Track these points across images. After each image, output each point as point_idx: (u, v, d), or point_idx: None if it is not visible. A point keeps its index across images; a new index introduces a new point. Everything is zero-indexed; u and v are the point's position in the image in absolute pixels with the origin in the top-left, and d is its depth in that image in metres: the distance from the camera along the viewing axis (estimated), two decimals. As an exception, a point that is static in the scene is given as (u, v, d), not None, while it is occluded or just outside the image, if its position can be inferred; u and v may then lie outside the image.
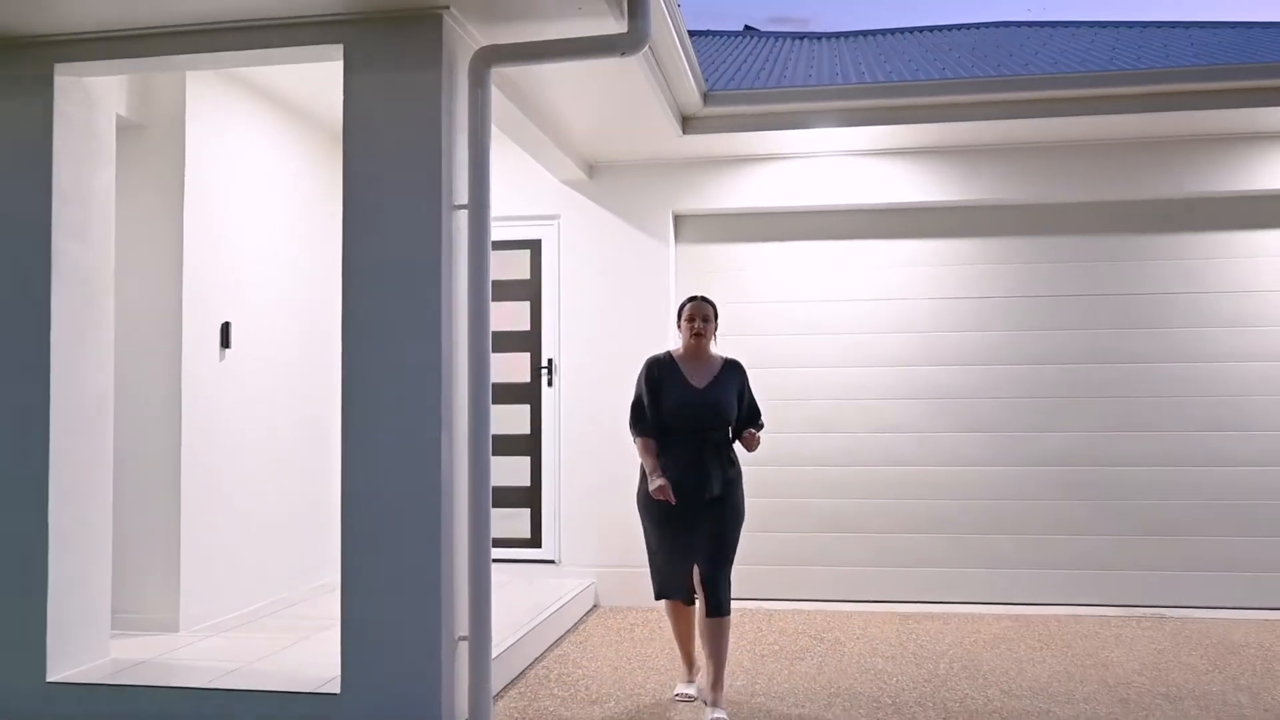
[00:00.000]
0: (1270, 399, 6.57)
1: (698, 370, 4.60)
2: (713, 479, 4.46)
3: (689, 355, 4.65)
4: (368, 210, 4.28)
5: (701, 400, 4.51)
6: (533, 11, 4.29)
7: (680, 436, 4.50)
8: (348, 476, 4.25)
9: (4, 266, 4.52)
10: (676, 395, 4.52)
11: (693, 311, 4.63)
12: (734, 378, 4.64)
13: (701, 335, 4.61)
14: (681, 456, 4.48)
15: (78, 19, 4.37)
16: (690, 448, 4.49)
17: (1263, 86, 5.91)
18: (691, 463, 4.47)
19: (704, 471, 4.46)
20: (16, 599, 4.45)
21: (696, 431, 4.49)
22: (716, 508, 4.48)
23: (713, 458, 4.50)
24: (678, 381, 4.57)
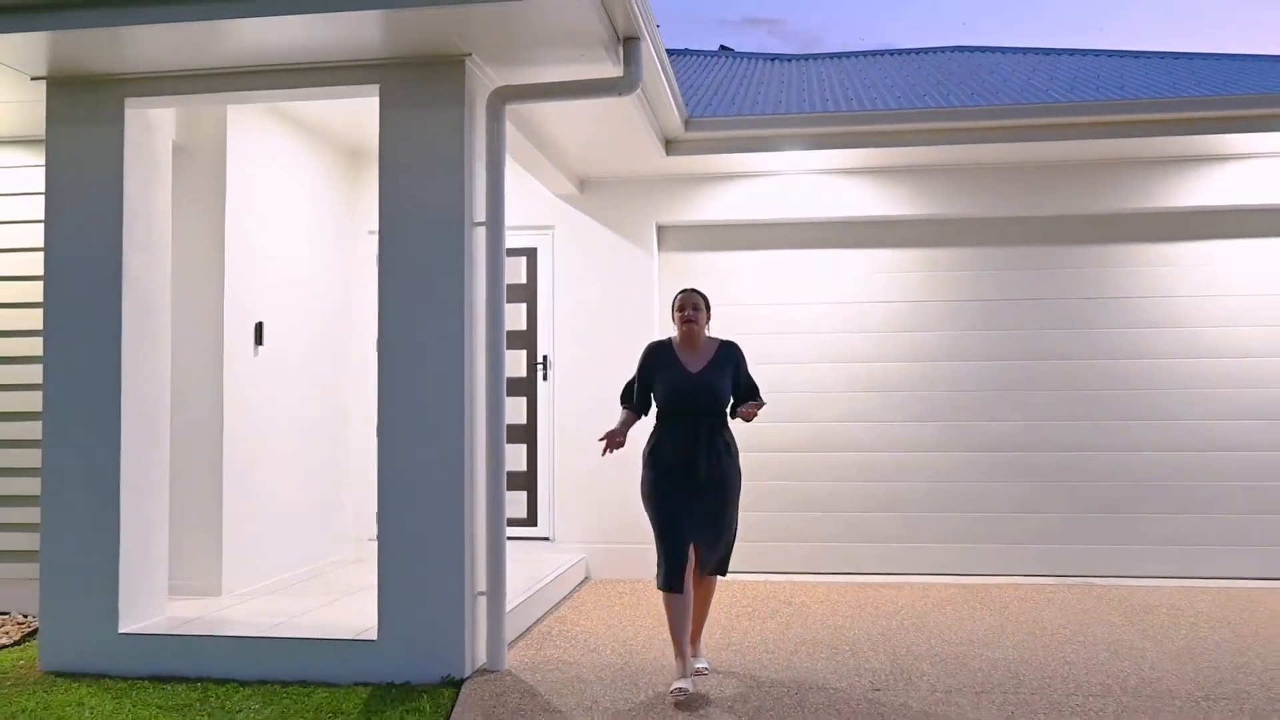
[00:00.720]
0: (1186, 391, 7.34)
1: (693, 356, 4.83)
2: (706, 461, 4.64)
3: (683, 342, 4.88)
4: (400, 226, 4.95)
5: (695, 384, 4.73)
6: (541, 58, 4.98)
7: (676, 419, 4.73)
8: (384, 455, 4.92)
9: (82, 273, 5.15)
10: (671, 379, 4.76)
11: (683, 302, 4.88)
12: (729, 360, 4.84)
13: (692, 322, 4.84)
14: (678, 438, 4.69)
15: (146, 60, 5.01)
16: (686, 429, 4.69)
17: (1177, 119, 6.68)
18: (687, 444, 4.66)
19: (694, 457, 4.65)
20: (93, 565, 5.09)
21: (691, 413, 4.70)
22: (715, 488, 4.69)
23: (707, 440, 4.68)
24: (673, 366, 4.80)
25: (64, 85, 5.20)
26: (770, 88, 8.73)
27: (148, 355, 5.32)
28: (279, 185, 6.67)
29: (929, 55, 10.73)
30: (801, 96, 8.02)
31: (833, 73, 9.67)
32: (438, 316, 4.91)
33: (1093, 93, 7.27)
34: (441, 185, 4.93)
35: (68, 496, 5.10)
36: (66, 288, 5.15)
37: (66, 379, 5.13)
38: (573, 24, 4.56)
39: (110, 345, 5.13)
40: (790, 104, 7.65)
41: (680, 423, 4.72)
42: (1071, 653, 5.24)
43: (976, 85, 8.10)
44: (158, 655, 5.00)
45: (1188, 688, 4.61)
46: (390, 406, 4.94)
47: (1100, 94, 7.18)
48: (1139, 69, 8.61)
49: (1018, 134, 6.82)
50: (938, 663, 5.07)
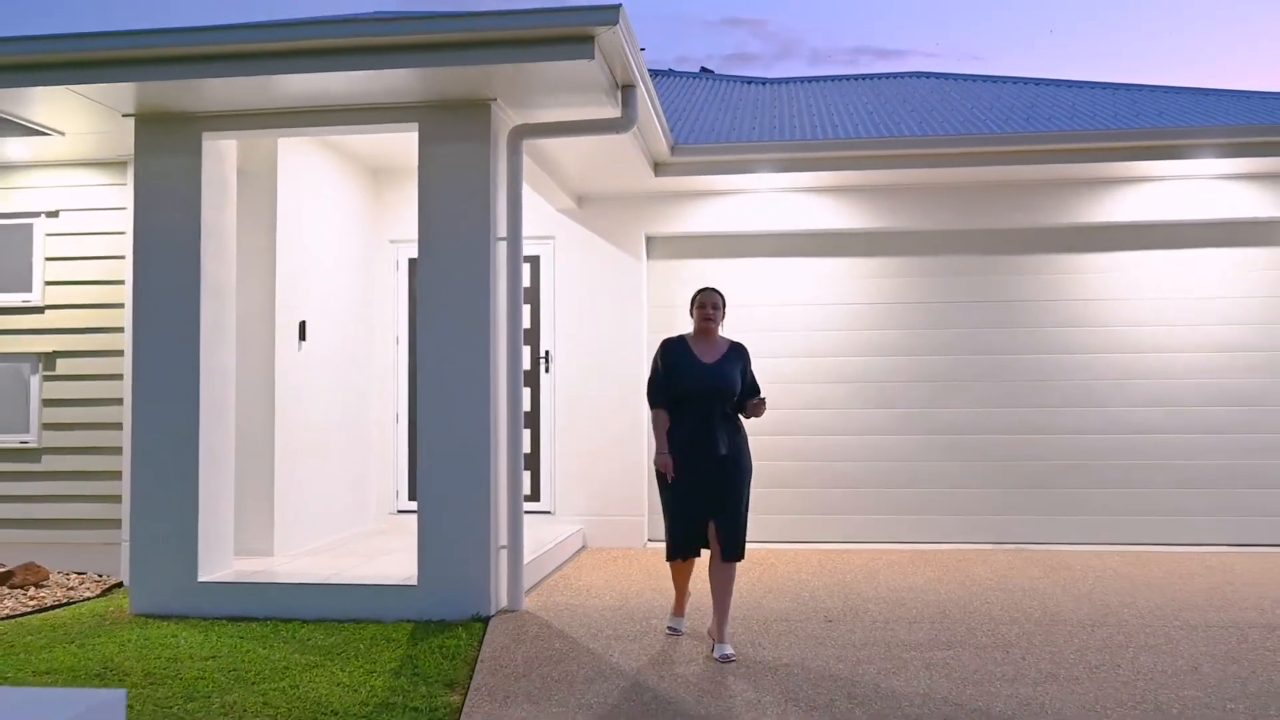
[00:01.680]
0: (1104, 382, 8.34)
1: (707, 350, 5.16)
2: (721, 440, 5.01)
3: (699, 336, 5.20)
4: (436, 241, 5.88)
5: (710, 374, 5.05)
6: (553, 102, 5.92)
7: (692, 406, 5.03)
8: (423, 434, 5.84)
9: (168, 280, 6.05)
10: (688, 370, 5.06)
11: (703, 300, 5.23)
12: (738, 357, 5.19)
13: (711, 319, 5.18)
14: (694, 422, 5.02)
15: (220, 102, 5.91)
16: (701, 415, 5.01)
17: (1094, 148, 7.67)
18: (702, 427, 5.00)
19: (713, 435, 5.00)
20: (176, 525, 5.98)
21: (706, 401, 5.02)
22: (727, 467, 4.99)
23: (720, 423, 5.03)
24: (689, 359, 5.11)
25: (150, 121, 6.10)
26: (745, 112, 9.69)
27: (218, 349, 6.23)
28: (316, 201, 7.57)
29: (888, 80, 11.71)
30: (773, 123, 8.98)
31: (802, 97, 10.63)
32: (467, 316, 5.83)
33: (1024, 125, 8.25)
34: (470, 207, 5.86)
35: (155, 468, 6.00)
36: (155, 291, 6.05)
37: (154, 368, 6.03)
38: (580, 77, 5.49)
39: (190, 340, 6.03)
40: (764, 129, 8.61)
41: (698, 409, 5.03)
42: (992, 596, 6.23)
43: (926, 113, 9.07)
44: (231, 599, 5.91)
45: (1079, 618, 5.61)
46: (427, 393, 5.86)
47: (1030, 126, 8.17)
48: (1069, 98, 9.61)
49: (958, 160, 7.80)
50: (881, 603, 6.04)
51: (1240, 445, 8.17)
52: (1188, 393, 8.24)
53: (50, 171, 7.40)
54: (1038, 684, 4.45)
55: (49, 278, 7.39)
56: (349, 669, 4.76)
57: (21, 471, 7.30)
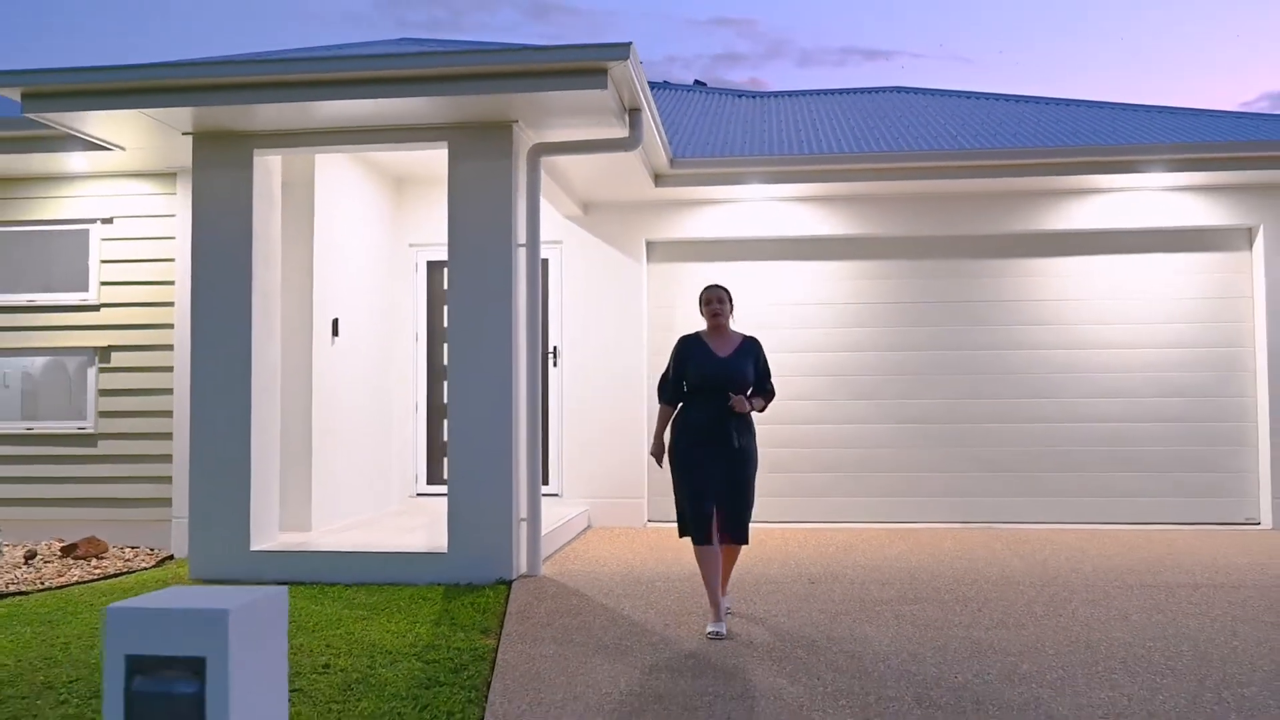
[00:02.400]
0: (1067, 375, 9.06)
1: (721, 344, 5.34)
2: (734, 431, 5.19)
3: (711, 332, 5.38)
4: (465, 247, 6.54)
5: (723, 367, 5.24)
6: (568, 123, 6.59)
7: (707, 396, 5.22)
8: (453, 415, 6.51)
9: (223, 283, 6.70)
10: (702, 364, 5.25)
11: (709, 296, 5.41)
12: (751, 350, 5.37)
13: (718, 314, 5.35)
14: (708, 413, 5.21)
15: (269, 122, 6.56)
16: (715, 406, 5.20)
17: (1056, 163, 8.38)
18: (716, 418, 5.18)
19: (726, 425, 5.17)
20: (231, 501, 6.63)
21: (719, 391, 5.20)
22: (736, 456, 5.19)
23: (733, 415, 5.20)
24: (704, 353, 5.30)
25: (206, 139, 6.75)
26: (737, 126, 10.37)
27: (266, 345, 6.88)
28: (347, 208, 8.22)
29: (868, 95, 12.41)
30: (763, 136, 9.66)
31: (789, 111, 11.32)
32: (492, 314, 6.50)
33: (990, 141, 8.95)
34: (494, 217, 6.53)
35: (212, 452, 6.65)
36: (211, 292, 6.70)
37: (211, 362, 6.68)
38: (593, 102, 6.16)
39: (243, 337, 6.68)
40: (754, 143, 9.29)
41: (712, 401, 5.21)
42: (956, 564, 6.93)
43: (903, 129, 9.77)
44: (279, 566, 6.57)
45: (1030, 580, 6.31)
46: (457, 383, 6.52)
47: (996, 142, 8.87)
48: (1033, 114, 10.32)
49: (930, 173, 8.50)
50: (857, 569, 6.74)
51: (1185, 433, 8.90)
52: (1137, 385, 8.97)
53: (105, 182, 8.03)
54: (989, 629, 5.15)
55: (104, 279, 8.03)
56: (394, 620, 5.43)
57: (80, 455, 7.94)
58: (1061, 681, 4.30)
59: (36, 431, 8.02)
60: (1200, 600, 5.77)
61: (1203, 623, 5.26)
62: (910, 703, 4.05)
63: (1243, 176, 8.51)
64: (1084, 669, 4.47)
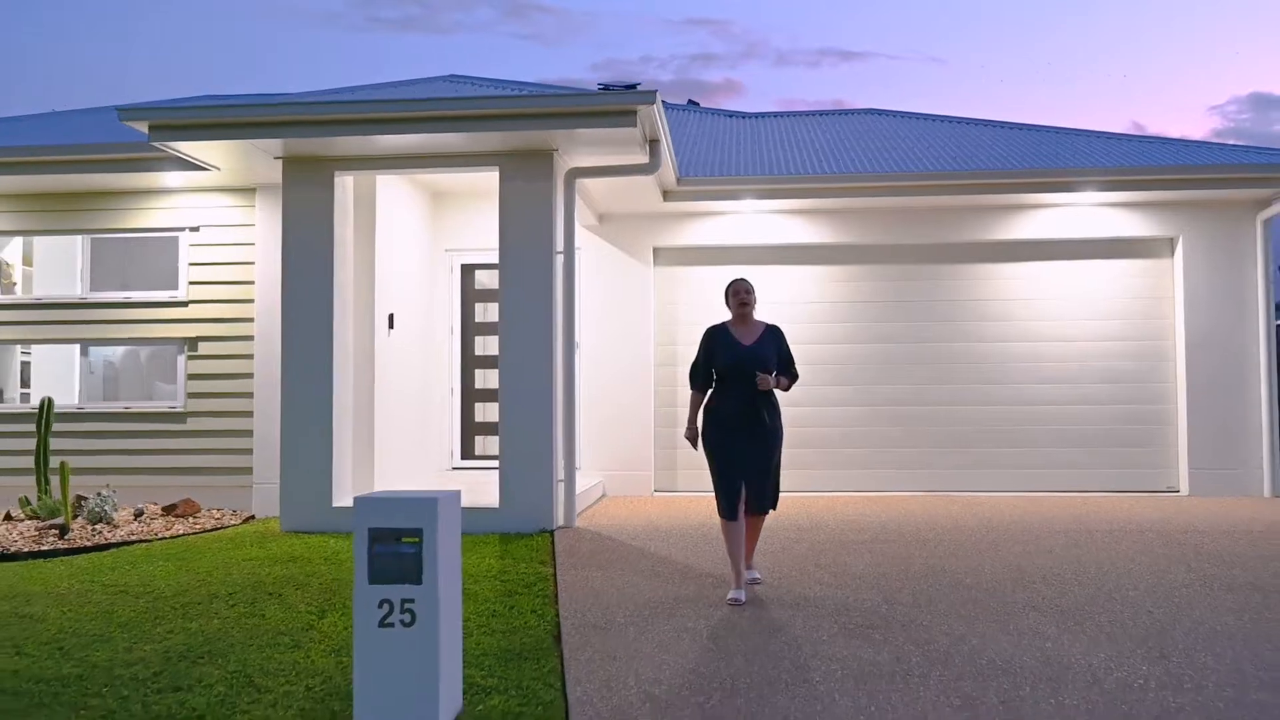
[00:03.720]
0: (1015, 364, 10.34)
1: (746, 333, 5.62)
2: (762, 412, 5.48)
3: (737, 322, 5.65)
4: (513, 254, 7.73)
5: (748, 354, 5.50)
6: (599, 151, 7.79)
7: (734, 382, 5.49)
8: (504, 395, 7.70)
9: (311, 285, 7.86)
10: (729, 352, 5.52)
11: (737, 289, 5.66)
12: (774, 338, 5.64)
13: (745, 305, 5.62)
14: (737, 397, 5.49)
15: (349, 150, 7.73)
16: (742, 390, 5.47)
17: (1006, 183, 9.65)
18: (744, 401, 5.46)
19: (754, 407, 5.46)
20: (317, 465, 7.80)
21: (746, 377, 5.46)
22: (768, 437, 5.49)
23: (759, 397, 5.48)
24: (730, 342, 5.57)
25: (294, 162, 7.91)
26: (731, 146, 11.60)
27: (342, 335, 8.05)
28: (398, 219, 9.40)
29: (848, 116, 13.68)
30: (755, 156, 10.89)
31: (777, 131, 12.56)
32: (536, 309, 7.70)
33: (952, 164, 10.22)
34: (537, 229, 7.73)
35: (301, 424, 7.82)
36: (300, 290, 7.87)
37: (300, 350, 7.84)
38: (622, 136, 7.37)
39: (325, 326, 7.85)
40: (748, 163, 10.52)
41: (739, 386, 5.49)
42: (918, 518, 8.20)
43: (877, 150, 11.03)
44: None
45: (977, 527, 7.59)
46: (507, 367, 7.72)
47: (956, 165, 10.13)
48: (989, 137, 11.60)
49: (900, 191, 9.77)
50: (837, 522, 7.99)
51: (1115, 414, 10.21)
52: (1075, 373, 10.27)
53: (193, 195, 9.18)
54: (942, 559, 6.41)
55: (192, 279, 9.17)
56: (468, 557, 6.62)
57: (172, 430, 9.09)
58: (994, 588, 5.57)
59: (134, 410, 9.16)
60: (1111, 542, 7.06)
61: (1109, 554, 6.55)
62: (879, 602, 5.30)
63: (1165, 195, 9.82)
64: (1011, 582, 5.74)
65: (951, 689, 3.93)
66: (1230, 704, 3.74)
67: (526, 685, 4.03)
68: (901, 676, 4.09)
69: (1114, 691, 3.89)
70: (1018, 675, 4.09)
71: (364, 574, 3.57)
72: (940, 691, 3.91)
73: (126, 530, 7.79)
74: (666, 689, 3.97)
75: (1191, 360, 9.99)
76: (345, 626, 4.92)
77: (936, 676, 4.09)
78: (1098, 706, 3.73)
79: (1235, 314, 9.98)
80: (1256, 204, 9.94)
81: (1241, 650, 4.41)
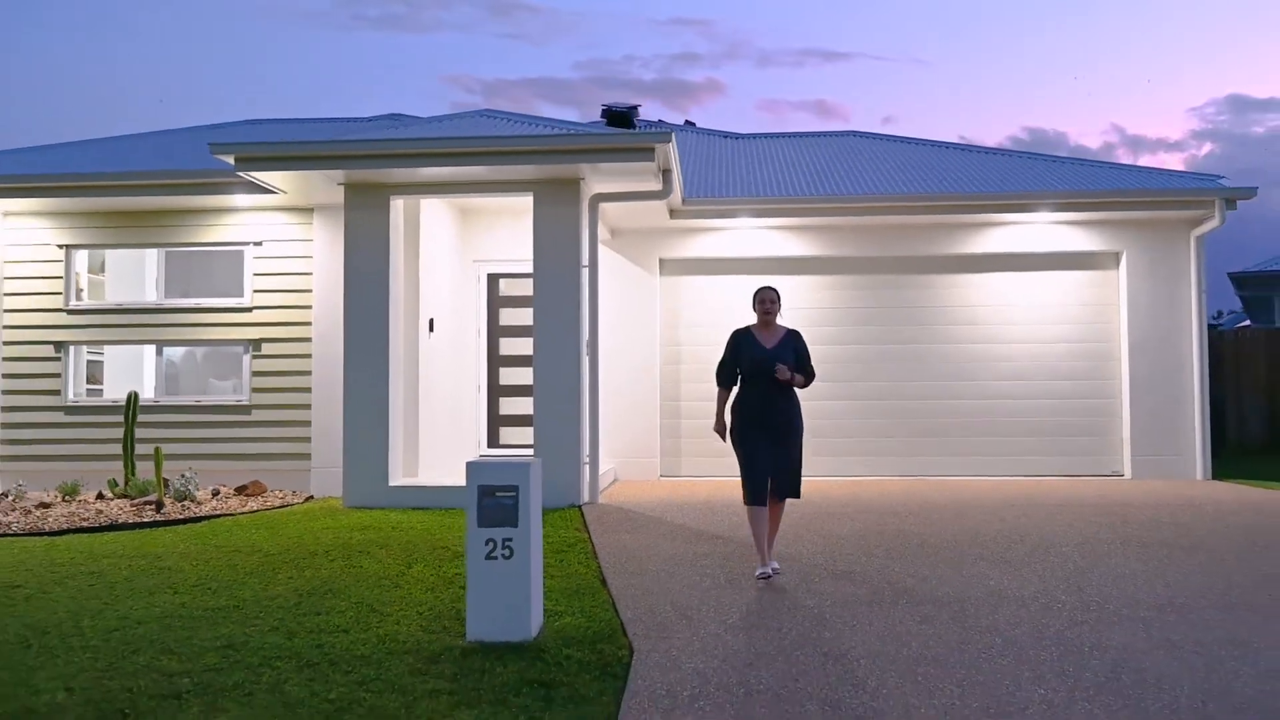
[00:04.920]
0: (980, 363, 11.52)
1: (768, 337, 6.03)
2: (781, 408, 5.90)
3: (760, 326, 6.05)
4: (546, 269, 8.86)
5: (769, 356, 5.92)
6: (620, 180, 8.93)
7: (756, 381, 5.94)
8: (538, 387, 8.82)
9: (369, 295, 8.96)
10: (752, 354, 5.95)
11: (762, 296, 6.07)
12: (792, 342, 6.03)
13: (769, 311, 6.03)
14: (759, 395, 5.92)
15: (403, 178, 8.84)
16: (764, 389, 5.90)
17: (971, 204, 10.84)
18: (766, 398, 5.90)
19: (774, 404, 5.89)
20: (375, 450, 8.89)
21: (767, 376, 5.89)
22: (788, 431, 5.92)
23: (779, 395, 5.91)
24: (753, 344, 5.99)
25: (354, 188, 9.01)
26: (726, 167, 12.75)
27: (394, 339, 9.16)
28: (435, 234, 10.49)
29: (831, 138, 14.87)
30: (749, 177, 12.04)
31: (766, 151, 13.72)
32: (566, 315, 8.82)
33: (923, 187, 11.40)
34: (566, 246, 8.85)
35: (361, 416, 8.92)
36: (361, 300, 8.97)
37: (360, 351, 8.94)
38: (641, 168, 8.50)
39: (382, 329, 8.96)
40: (741, 182, 11.67)
41: (760, 385, 5.93)
42: (894, 496, 9.37)
43: (858, 172, 12.20)
44: (410, 496, 8.85)
45: (943, 503, 8.77)
46: (541, 364, 8.83)
47: (928, 188, 11.31)
48: (959, 161, 12.78)
49: (878, 211, 10.94)
50: (823, 499, 9.15)
51: (1068, 407, 11.41)
52: (1032, 370, 11.47)
53: (257, 214, 10.26)
54: (913, 526, 7.57)
55: (255, 288, 10.25)
56: (512, 525, 7.74)
57: (238, 421, 10.17)
58: (952, 546, 6.74)
59: (204, 403, 10.23)
60: (1055, 513, 8.25)
61: (1051, 523, 7.73)
62: (859, 555, 6.46)
63: (1110, 215, 11.03)
64: (967, 542, 6.91)
65: (914, 611, 5.09)
66: (1123, 619, 4.90)
67: (588, 611, 5.16)
68: (876, 603, 5.25)
69: (1037, 611, 5.06)
70: (965, 602, 5.25)
71: (474, 519, 4.70)
72: (906, 612, 5.07)
73: (209, 506, 8.88)
74: (695, 612, 5.12)
75: (1134, 360, 11.20)
76: (431, 575, 6.04)
77: (904, 603, 5.25)
78: (1023, 619, 4.90)
79: (1172, 320, 11.20)
80: (1190, 223, 11.16)
81: (1140, 586, 5.59)
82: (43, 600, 5.55)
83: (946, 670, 4.16)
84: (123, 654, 4.52)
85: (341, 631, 4.83)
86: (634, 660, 4.34)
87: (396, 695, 3.93)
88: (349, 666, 4.28)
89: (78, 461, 10.14)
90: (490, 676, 4.12)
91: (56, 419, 10.31)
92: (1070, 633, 4.69)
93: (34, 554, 6.93)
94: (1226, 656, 4.32)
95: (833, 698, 3.86)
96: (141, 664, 4.37)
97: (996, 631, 4.72)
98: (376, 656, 4.42)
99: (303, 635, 4.76)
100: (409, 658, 4.40)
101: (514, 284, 11.67)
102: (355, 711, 3.76)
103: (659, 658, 4.37)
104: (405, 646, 4.57)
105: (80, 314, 10.41)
